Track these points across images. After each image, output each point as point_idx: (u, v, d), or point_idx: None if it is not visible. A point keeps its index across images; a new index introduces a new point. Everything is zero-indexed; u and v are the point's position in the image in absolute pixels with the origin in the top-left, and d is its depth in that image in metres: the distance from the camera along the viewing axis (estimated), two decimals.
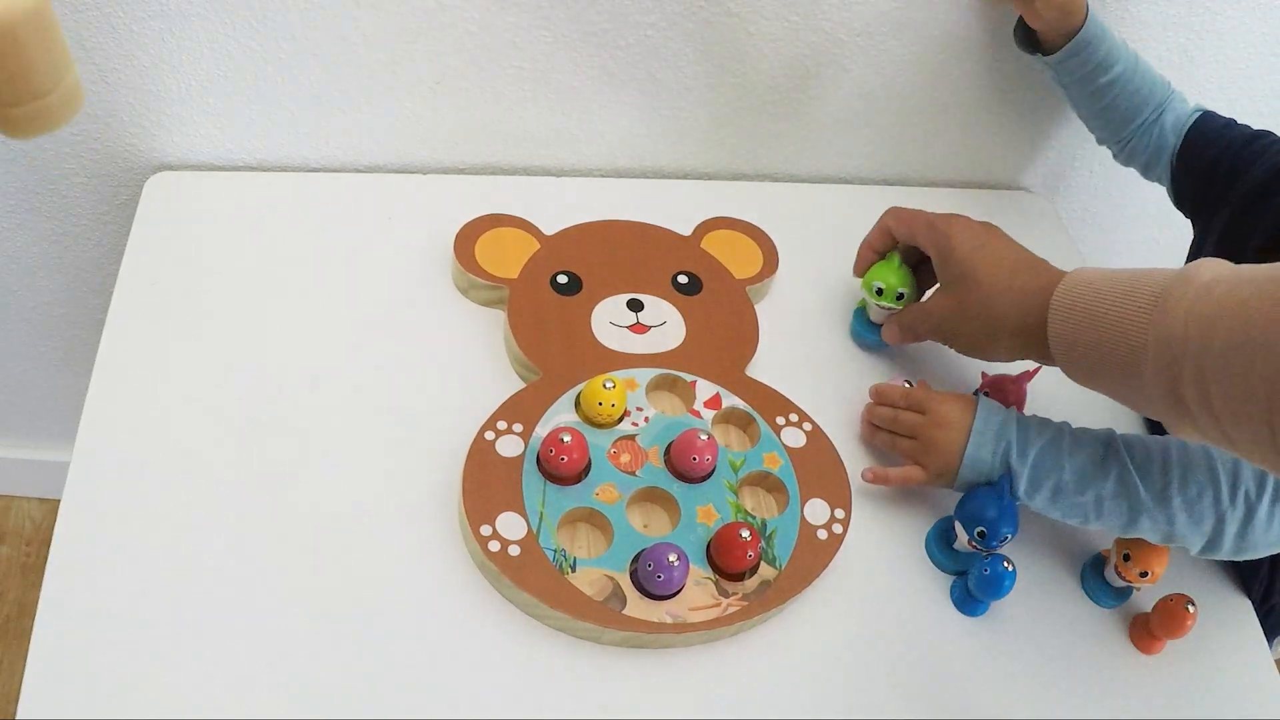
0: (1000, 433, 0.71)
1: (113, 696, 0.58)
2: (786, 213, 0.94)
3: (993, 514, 0.67)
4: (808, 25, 0.88)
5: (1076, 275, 0.63)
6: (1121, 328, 0.57)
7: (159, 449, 0.68)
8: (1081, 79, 0.88)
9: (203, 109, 0.86)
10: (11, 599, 1.30)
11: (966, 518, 0.69)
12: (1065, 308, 0.62)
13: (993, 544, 0.68)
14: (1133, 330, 0.56)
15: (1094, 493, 0.68)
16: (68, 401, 1.06)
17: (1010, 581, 0.68)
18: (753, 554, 0.66)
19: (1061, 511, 0.70)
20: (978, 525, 0.68)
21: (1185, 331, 0.53)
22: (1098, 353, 0.60)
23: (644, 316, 0.80)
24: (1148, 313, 0.56)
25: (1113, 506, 0.68)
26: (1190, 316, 0.53)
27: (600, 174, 0.98)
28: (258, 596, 0.63)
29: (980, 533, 0.68)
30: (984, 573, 0.68)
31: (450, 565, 0.66)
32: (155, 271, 0.79)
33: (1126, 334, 0.57)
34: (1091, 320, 0.60)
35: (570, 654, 0.64)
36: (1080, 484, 0.69)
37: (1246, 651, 0.76)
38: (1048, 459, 0.69)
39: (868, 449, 0.79)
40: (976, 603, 0.71)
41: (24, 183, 0.90)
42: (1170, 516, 0.67)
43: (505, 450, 0.69)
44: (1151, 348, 0.55)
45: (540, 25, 0.84)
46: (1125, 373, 0.58)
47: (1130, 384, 0.58)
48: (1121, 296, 0.58)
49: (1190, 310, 0.53)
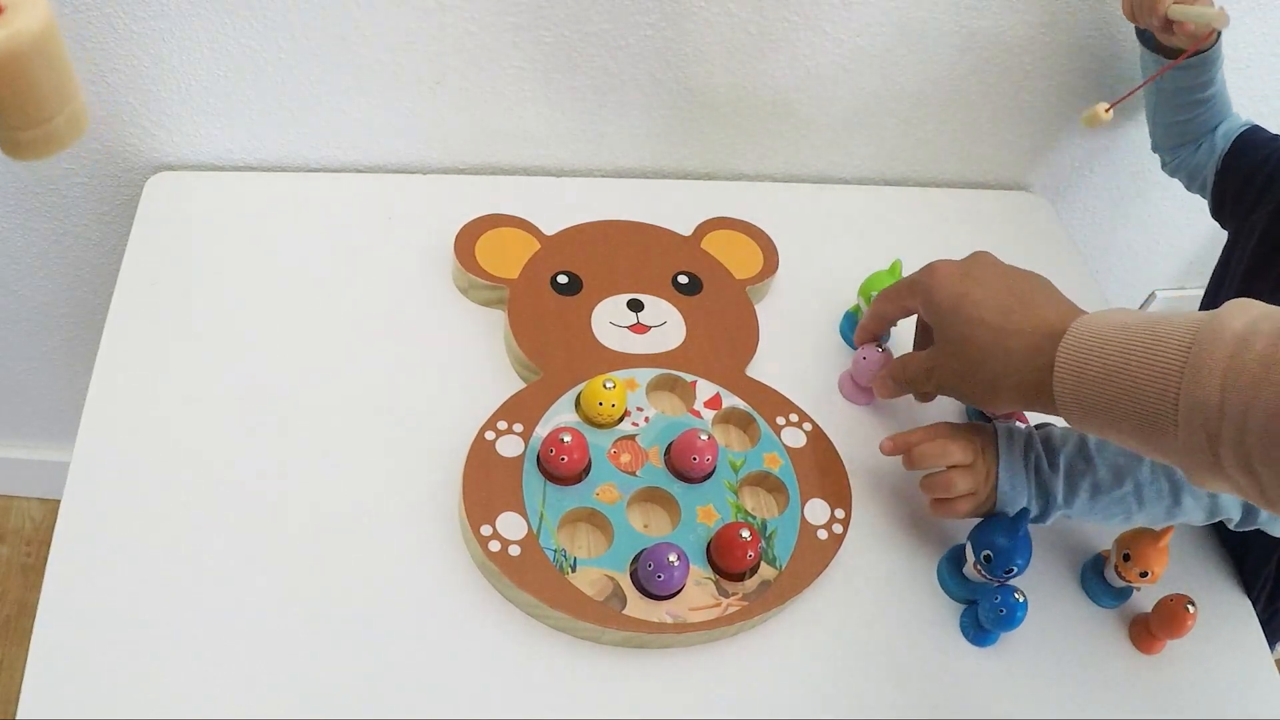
0: (1028, 443, 0.70)
1: (113, 696, 0.58)
2: (786, 213, 0.94)
3: (1004, 542, 0.66)
4: (807, 25, 0.88)
5: (1084, 326, 0.57)
6: (1143, 390, 0.52)
7: (159, 449, 0.68)
8: (1182, 89, 0.90)
9: (203, 109, 0.86)
10: (11, 599, 1.30)
11: (978, 541, 0.68)
12: (1075, 366, 0.56)
13: (998, 572, 0.67)
14: (1155, 394, 0.51)
15: (1132, 481, 0.68)
16: (68, 401, 1.07)
17: (1022, 613, 0.66)
18: (753, 554, 0.66)
19: (1104, 510, 0.69)
20: (986, 549, 0.67)
21: (1222, 398, 0.48)
22: (1114, 413, 0.54)
23: (644, 316, 0.80)
24: (1176, 375, 0.50)
25: (1153, 492, 0.68)
26: (1228, 380, 0.48)
27: (600, 174, 0.98)
28: (258, 596, 0.63)
29: (987, 556, 0.67)
30: (994, 601, 0.67)
31: (450, 565, 0.66)
32: (155, 271, 0.79)
33: (1149, 398, 0.52)
34: (1107, 378, 0.54)
35: (570, 654, 0.64)
36: (1117, 476, 0.68)
37: (1246, 651, 0.76)
38: (1079, 461, 0.69)
39: (868, 449, 0.78)
40: (986, 633, 0.70)
41: (24, 183, 0.90)
42: None
43: (505, 450, 0.69)
44: (1183, 412, 0.50)
45: (540, 25, 0.84)
46: (1147, 433, 0.53)
47: (1152, 442, 0.53)
48: (1142, 354, 0.52)
49: (1228, 372, 0.48)
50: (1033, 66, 0.95)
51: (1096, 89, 0.99)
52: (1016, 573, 0.67)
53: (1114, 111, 0.90)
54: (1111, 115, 0.89)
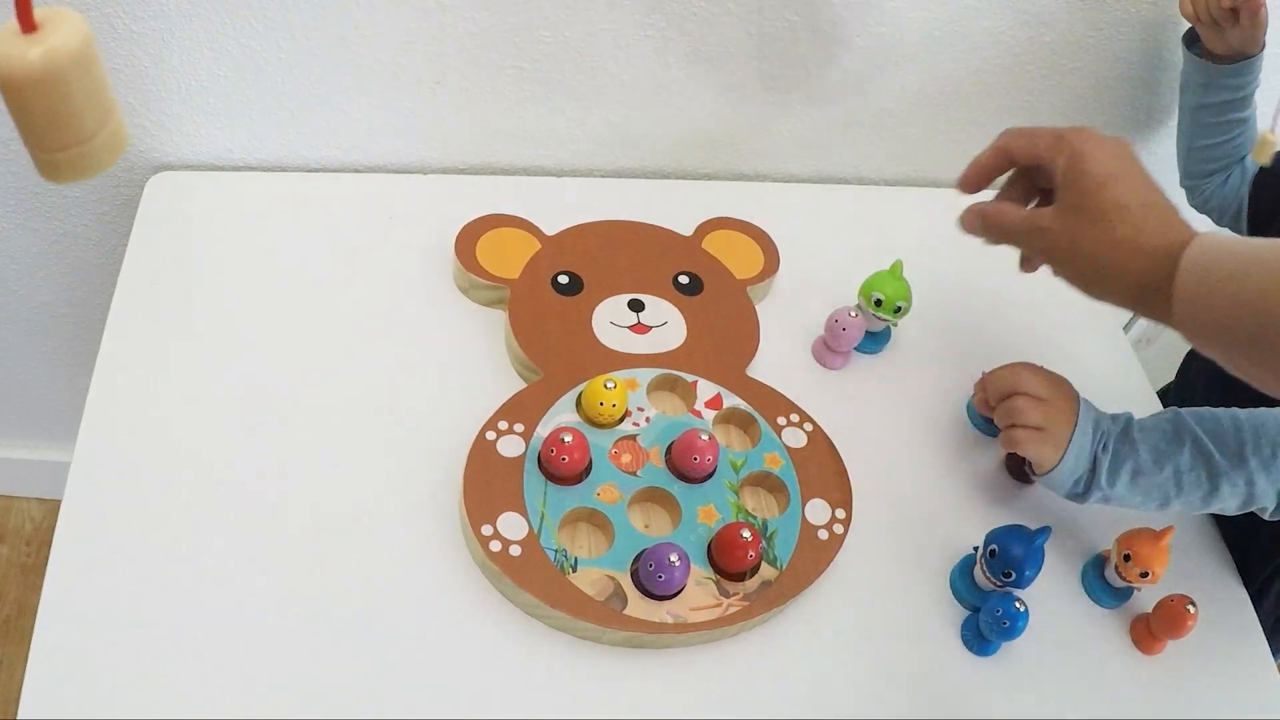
0: (1099, 419, 0.72)
1: (113, 696, 0.58)
2: (786, 213, 0.94)
3: (1018, 550, 0.67)
4: (807, 26, 0.88)
5: (1210, 239, 0.56)
6: (1273, 306, 0.51)
7: (159, 449, 0.68)
8: (1224, 104, 0.89)
9: (203, 109, 0.86)
10: (11, 599, 1.30)
11: (992, 538, 0.69)
12: (1199, 273, 0.55)
13: (997, 573, 0.68)
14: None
15: (1171, 467, 0.69)
16: (68, 401, 1.07)
17: (1023, 624, 0.67)
18: (753, 554, 0.66)
19: (1142, 494, 0.71)
20: (993, 545, 0.68)
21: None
22: (1235, 330, 0.53)
23: (645, 316, 0.80)
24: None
25: (1191, 479, 0.69)
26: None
27: (600, 174, 0.98)
28: (258, 596, 0.63)
29: (992, 551, 0.68)
30: (995, 612, 0.67)
31: (451, 565, 0.66)
32: (155, 271, 0.79)
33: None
34: (1237, 291, 0.53)
35: (571, 654, 0.64)
36: (1158, 461, 0.70)
37: (1246, 651, 0.76)
38: (1124, 445, 0.71)
39: (868, 449, 0.78)
40: (987, 643, 0.70)
41: (24, 183, 0.90)
42: (1249, 478, 0.68)
43: (506, 450, 0.69)
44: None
45: (540, 25, 0.84)
46: (1269, 350, 0.52)
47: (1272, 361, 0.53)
48: (1275, 271, 0.51)
49: None
50: (1033, 66, 0.95)
51: (1096, 89, 0.99)
52: (1019, 581, 0.67)
53: None
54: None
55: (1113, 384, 0.91)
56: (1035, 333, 0.92)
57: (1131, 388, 0.91)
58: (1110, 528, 0.74)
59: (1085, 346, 0.93)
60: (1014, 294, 0.95)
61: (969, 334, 0.90)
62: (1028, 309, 0.94)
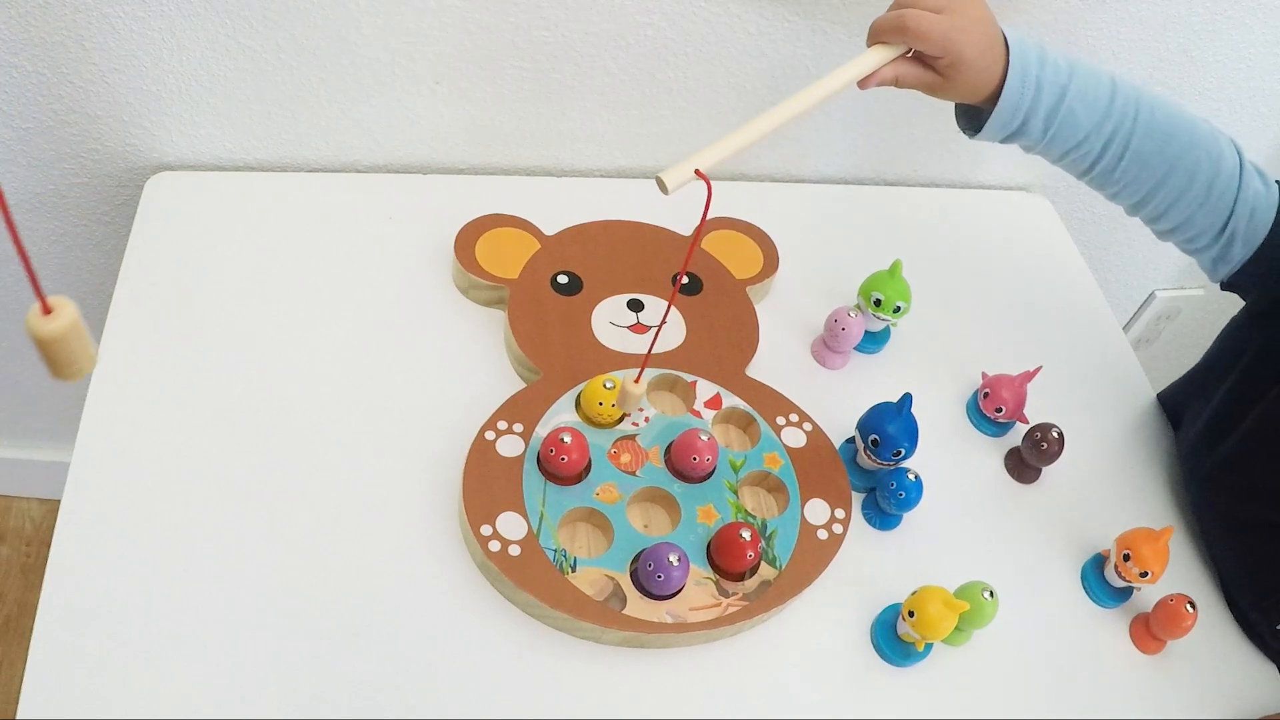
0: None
1: (113, 696, 0.58)
2: (786, 213, 0.94)
3: (891, 429, 0.70)
4: (807, 25, 0.88)
5: None
6: None
7: (159, 449, 0.68)
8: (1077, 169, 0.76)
9: (203, 109, 0.86)
10: (11, 599, 1.30)
11: (865, 428, 0.72)
12: None
13: (887, 455, 0.71)
14: None
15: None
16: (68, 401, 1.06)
17: (917, 493, 0.70)
18: (753, 554, 0.66)
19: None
20: (873, 435, 0.70)
21: None
22: None
23: (644, 316, 0.80)
24: None
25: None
26: None
27: (600, 174, 0.98)
28: (258, 596, 0.63)
29: (874, 441, 0.70)
30: (890, 486, 0.71)
31: (450, 565, 0.66)
32: (155, 271, 0.79)
33: None
34: None
35: (570, 654, 0.64)
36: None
37: (1247, 651, 0.76)
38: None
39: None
40: (888, 517, 0.73)
41: (24, 183, 0.90)
42: None
43: (505, 450, 0.69)
44: None
45: (540, 25, 0.84)
46: None
47: None
48: None
49: None
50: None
51: None
52: (905, 455, 0.70)
53: None
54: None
55: (1113, 384, 0.91)
56: (1035, 333, 0.92)
57: (1132, 388, 0.91)
58: (1110, 528, 0.74)
59: (1085, 346, 0.93)
60: (1014, 294, 0.96)
61: (969, 334, 0.90)
62: (1027, 309, 0.94)
